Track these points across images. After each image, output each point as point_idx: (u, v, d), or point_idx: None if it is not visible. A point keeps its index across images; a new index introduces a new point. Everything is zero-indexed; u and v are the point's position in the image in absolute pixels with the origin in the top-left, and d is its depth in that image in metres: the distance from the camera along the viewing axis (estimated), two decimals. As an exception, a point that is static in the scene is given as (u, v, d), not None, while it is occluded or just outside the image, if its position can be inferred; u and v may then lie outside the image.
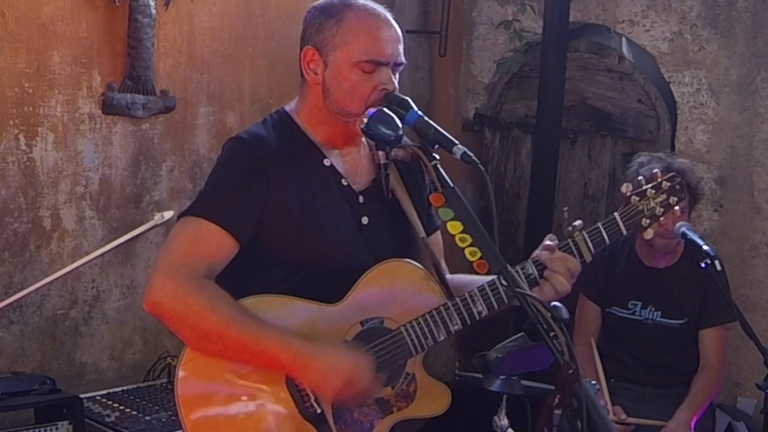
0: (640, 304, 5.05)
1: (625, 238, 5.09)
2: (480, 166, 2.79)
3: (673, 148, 6.07)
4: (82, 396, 4.53)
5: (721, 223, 6.00)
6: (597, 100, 6.65)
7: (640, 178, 3.19)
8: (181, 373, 2.94)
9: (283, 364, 2.92)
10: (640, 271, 5.09)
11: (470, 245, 2.73)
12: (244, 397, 2.96)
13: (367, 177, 3.15)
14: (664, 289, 5.02)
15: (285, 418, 2.96)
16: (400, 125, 2.85)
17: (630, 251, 5.13)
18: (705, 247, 4.29)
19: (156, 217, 2.11)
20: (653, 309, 5.03)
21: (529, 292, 2.68)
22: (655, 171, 3.16)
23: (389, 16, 3.07)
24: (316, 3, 3.11)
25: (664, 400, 5.03)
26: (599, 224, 3.06)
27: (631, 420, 4.85)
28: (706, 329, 5.04)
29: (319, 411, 2.97)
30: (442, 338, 3.01)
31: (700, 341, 5.06)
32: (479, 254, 2.73)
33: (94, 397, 4.76)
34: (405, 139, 2.92)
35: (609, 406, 4.78)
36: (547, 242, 3.03)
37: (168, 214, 2.12)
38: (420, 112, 2.91)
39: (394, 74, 3.03)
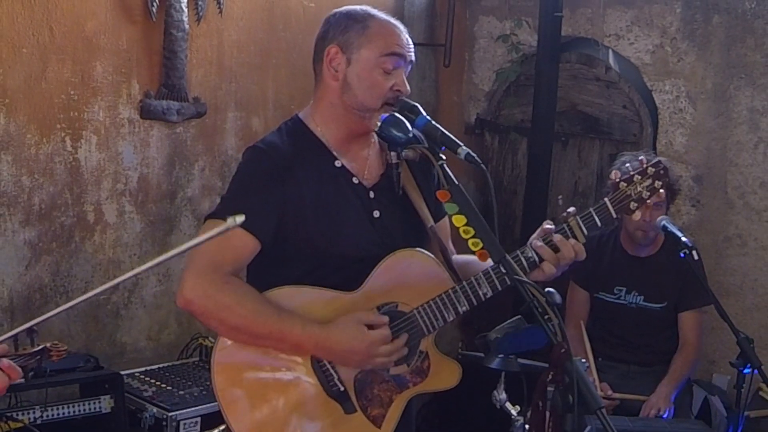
0: (624, 289, 5.05)
1: (611, 230, 5.10)
2: (481, 165, 2.79)
3: (654, 149, 6.06)
4: (122, 373, 4.53)
5: (698, 217, 5.98)
6: (586, 106, 6.64)
7: (627, 165, 3.19)
8: (217, 354, 2.94)
9: (306, 349, 2.93)
10: (625, 259, 5.08)
11: (473, 236, 2.73)
12: (274, 377, 2.95)
13: (376, 173, 3.13)
14: (646, 276, 5.02)
15: (311, 396, 2.96)
16: (410, 128, 2.85)
17: (615, 242, 5.12)
18: (684, 239, 4.28)
19: (229, 221, 2.09)
20: (636, 294, 5.03)
21: (526, 279, 2.67)
22: (640, 158, 3.15)
23: (405, 28, 3.09)
24: (338, 9, 3.11)
25: (646, 377, 5.02)
26: (591, 209, 3.04)
27: (616, 395, 4.84)
28: (685, 312, 5.03)
29: (342, 389, 2.97)
30: (451, 319, 3.01)
31: (679, 323, 5.05)
32: (481, 244, 2.73)
33: (133, 373, 4.78)
34: (415, 139, 2.93)
35: (597, 383, 4.77)
36: (546, 226, 3.03)
37: (240, 219, 2.09)
38: (428, 117, 2.91)
39: (406, 75, 3.05)
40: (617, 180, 3.05)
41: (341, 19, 3.07)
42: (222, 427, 3.04)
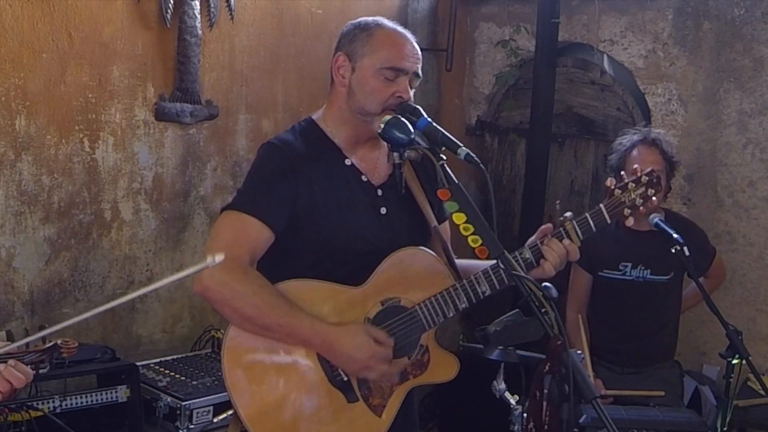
0: (630, 265, 4.92)
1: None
2: (481, 165, 2.80)
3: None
4: (138, 364, 4.52)
5: (689, 214, 5.95)
6: (582, 108, 6.63)
7: (622, 173, 3.19)
8: (228, 341, 2.95)
9: (312, 345, 2.94)
10: (627, 235, 4.93)
11: (472, 234, 2.74)
12: (281, 364, 2.96)
13: (384, 173, 3.15)
14: (650, 248, 4.90)
15: (315, 384, 2.97)
16: (412, 130, 2.85)
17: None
18: (675, 236, 4.26)
19: (208, 260, 2.14)
20: (643, 268, 4.90)
21: (523, 275, 2.67)
22: (635, 167, 3.15)
23: (413, 38, 3.10)
24: (353, 20, 3.14)
25: (638, 378, 4.98)
26: (587, 214, 3.05)
27: (610, 392, 4.79)
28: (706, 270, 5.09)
29: (345, 379, 2.98)
30: (451, 315, 3.01)
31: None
32: (480, 241, 2.73)
33: (149, 364, 4.78)
34: (417, 140, 2.93)
35: (591, 378, 4.71)
36: (544, 227, 3.05)
37: (219, 258, 2.15)
38: (429, 119, 2.91)
39: (411, 86, 3.05)
40: (612, 187, 3.05)
41: (351, 29, 3.11)
42: (230, 412, 3.05)
